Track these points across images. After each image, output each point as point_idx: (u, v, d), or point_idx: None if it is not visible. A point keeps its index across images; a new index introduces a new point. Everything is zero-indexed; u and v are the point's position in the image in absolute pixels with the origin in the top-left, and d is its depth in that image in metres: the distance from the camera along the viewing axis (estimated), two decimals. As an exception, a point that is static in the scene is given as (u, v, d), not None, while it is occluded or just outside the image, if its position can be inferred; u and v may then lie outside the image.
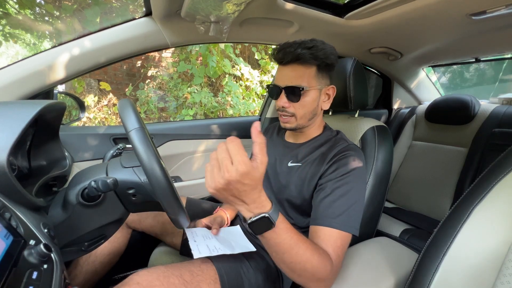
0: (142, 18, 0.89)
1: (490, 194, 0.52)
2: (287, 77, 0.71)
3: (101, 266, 0.82)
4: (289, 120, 0.74)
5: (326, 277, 0.54)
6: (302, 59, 0.68)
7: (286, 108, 0.72)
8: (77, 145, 1.00)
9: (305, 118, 0.74)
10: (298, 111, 0.72)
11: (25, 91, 0.79)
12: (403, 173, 1.48)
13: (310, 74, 0.70)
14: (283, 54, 0.70)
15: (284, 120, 0.74)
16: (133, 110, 0.53)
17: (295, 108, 0.72)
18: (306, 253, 0.51)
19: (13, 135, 0.45)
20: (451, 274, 0.51)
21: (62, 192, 0.59)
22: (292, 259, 0.51)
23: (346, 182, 0.64)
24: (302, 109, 0.72)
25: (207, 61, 3.20)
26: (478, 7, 0.79)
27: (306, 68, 0.70)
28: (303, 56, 0.68)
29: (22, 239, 0.37)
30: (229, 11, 0.77)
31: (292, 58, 0.69)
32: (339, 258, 0.58)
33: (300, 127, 0.75)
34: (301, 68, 0.70)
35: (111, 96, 3.64)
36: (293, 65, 0.70)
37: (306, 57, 0.68)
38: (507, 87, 2.27)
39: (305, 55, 0.67)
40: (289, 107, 0.72)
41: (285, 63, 0.71)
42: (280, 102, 0.72)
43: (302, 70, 0.70)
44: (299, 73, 0.70)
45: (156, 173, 0.49)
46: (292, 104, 0.72)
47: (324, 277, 0.54)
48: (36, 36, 3.56)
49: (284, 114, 0.73)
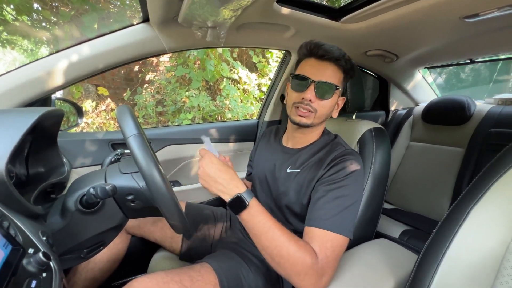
0: (140, 24, 0.89)
1: (488, 194, 0.52)
2: (322, 72, 0.71)
3: (100, 273, 0.81)
4: (309, 115, 0.72)
5: (307, 272, 0.55)
6: (341, 61, 0.71)
7: (312, 103, 0.71)
8: (75, 151, 1.00)
9: (320, 119, 0.74)
10: (320, 109, 0.72)
11: (23, 98, 0.79)
12: (402, 174, 1.49)
13: (340, 78, 0.73)
14: (324, 51, 0.70)
15: (303, 114, 0.72)
16: (131, 116, 0.53)
17: (319, 105, 0.72)
18: (281, 238, 0.56)
19: (12, 143, 0.45)
20: (450, 275, 0.51)
21: (60, 199, 0.59)
22: (268, 243, 0.57)
23: (342, 185, 0.65)
24: (324, 108, 0.73)
25: (205, 65, 3.21)
26: (471, 10, 0.80)
27: (339, 71, 0.73)
28: (342, 59, 0.71)
29: (21, 248, 0.37)
30: (226, 16, 0.77)
31: (334, 56, 0.70)
32: (327, 259, 0.57)
33: (313, 125, 0.75)
34: (337, 70, 0.72)
35: (109, 101, 3.64)
36: (331, 64, 0.71)
37: (343, 62, 0.71)
38: (502, 87, 2.29)
39: (343, 59, 0.71)
40: (314, 102, 0.71)
41: (325, 59, 0.71)
42: (308, 94, 0.70)
43: (337, 71, 0.72)
44: (335, 73, 0.72)
45: (155, 179, 0.49)
46: (318, 100, 0.72)
47: (304, 270, 0.55)
48: (34, 42, 3.56)
49: (306, 108, 0.71)
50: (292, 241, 0.56)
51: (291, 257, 0.55)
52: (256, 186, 0.86)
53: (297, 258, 0.55)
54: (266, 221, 0.58)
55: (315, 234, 0.60)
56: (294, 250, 0.55)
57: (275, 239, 0.56)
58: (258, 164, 0.89)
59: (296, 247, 0.56)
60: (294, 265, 0.55)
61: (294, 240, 0.57)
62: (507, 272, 0.48)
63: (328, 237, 0.59)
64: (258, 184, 0.85)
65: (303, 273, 0.55)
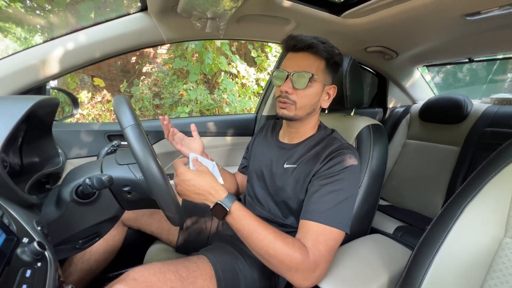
0: (138, 13, 0.87)
1: (482, 192, 0.53)
2: (297, 63, 0.71)
3: (96, 264, 0.81)
4: (289, 107, 0.72)
5: (298, 267, 0.56)
6: (315, 48, 0.69)
7: (289, 95, 0.71)
8: (71, 142, 0.98)
9: (304, 110, 0.73)
10: (300, 100, 0.72)
11: (17, 86, 0.77)
12: (397, 171, 1.50)
13: (319, 66, 0.71)
14: (296, 41, 0.70)
15: (283, 106, 0.72)
16: (128, 107, 0.52)
17: (297, 96, 0.71)
18: (267, 238, 0.57)
19: (5, 131, 0.44)
20: (443, 270, 0.52)
21: (55, 190, 0.58)
22: (255, 244, 0.58)
23: (338, 179, 0.65)
24: (304, 98, 0.72)
25: (202, 58, 3.17)
26: (473, 7, 0.80)
27: (316, 59, 0.71)
28: (316, 46, 0.69)
29: (15, 237, 0.36)
30: (226, 7, 0.76)
31: (305, 45, 0.69)
32: (320, 253, 0.58)
33: (296, 118, 0.74)
34: (312, 58, 0.71)
35: (105, 93, 3.58)
36: (305, 53, 0.71)
37: (319, 48, 0.69)
38: (498, 87, 2.31)
39: (319, 46, 0.69)
40: (292, 93, 0.71)
41: (297, 49, 0.71)
42: (284, 87, 0.71)
43: (313, 60, 0.71)
44: (310, 62, 0.71)
45: (152, 170, 0.49)
46: (296, 91, 0.71)
47: (294, 266, 0.56)
48: (27, 31, 3.48)
49: (285, 100, 0.72)
50: (278, 239, 0.57)
51: (279, 255, 0.56)
52: (253, 181, 0.86)
53: (285, 256, 0.56)
54: (250, 223, 0.59)
55: (309, 228, 0.61)
56: (280, 248, 0.56)
57: (260, 240, 0.58)
58: (255, 159, 0.89)
59: (282, 245, 0.56)
60: (283, 262, 0.56)
61: (281, 238, 0.58)
62: (499, 268, 0.49)
63: (321, 230, 0.60)
64: (256, 179, 0.85)
65: (293, 268, 0.56)
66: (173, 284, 0.56)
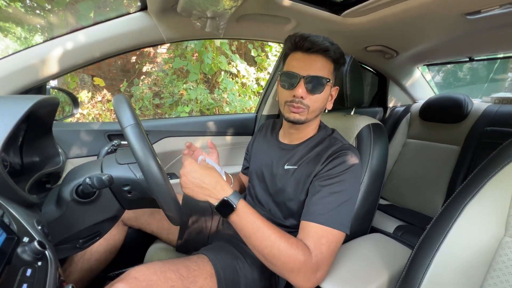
0: (137, 13, 0.87)
1: (482, 191, 0.53)
2: (310, 66, 0.68)
3: (96, 264, 0.81)
4: (302, 111, 0.70)
5: (301, 269, 0.55)
6: (329, 52, 0.67)
7: (303, 100, 0.69)
8: (71, 142, 0.98)
9: (314, 113, 0.73)
10: (313, 104, 0.70)
11: (17, 85, 0.77)
12: (398, 171, 1.50)
13: (330, 69, 0.70)
14: (311, 44, 0.67)
15: (297, 111, 0.70)
16: (128, 106, 0.52)
17: (311, 100, 0.69)
18: (271, 237, 0.56)
19: (5, 130, 0.44)
20: (443, 269, 0.52)
21: (56, 189, 0.58)
22: (258, 243, 0.57)
23: (339, 180, 0.65)
24: (317, 103, 0.70)
25: (202, 57, 3.17)
26: (473, 6, 0.80)
27: (328, 62, 0.69)
28: (330, 49, 0.67)
29: (16, 236, 0.36)
30: (226, 6, 0.76)
31: (320, 48, 0.67)
32: (322, 255, 0.58)
33: (307, 121, 0.73)
34: (325, 60, 0.69)
35: (105, 92, 3.58)
36: (319, 56, 0.68)
37: (332, 51, 0.67)
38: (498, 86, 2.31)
39: (332, 49, 0.67)
40: (306, 98, 0.69)
41: (311, 51, 0.68)
42: (298, 92, 0.67)
43: (325, 62, 0.69)
44: (324, 65, 0.69)
45: (152, 170, 0.49)
46: (309, 96, 0.69)
47: (297, 267, 0.55)
48: (27, 30, 3.48)
49: (299, 105, 0.69)
50: (283, 239, 0.56)
51: (283, 255, 0.55)
52: (254, 182, 0.86)
53: (289, 256, 0.55)
54: (255, 221, 0.58)
55: (310, 229, 0.60)
56: (285, 248, 0.55)
57: (265, 239, 0.56)
58: (255, 159, 0.88)
59: (287, 245, 0.55)
60: (287, 263, 0.55)
61: (285, 238, 0.57)
62: (499, 267, 0.49)
63: (323, 232, 0.60)
64: (256, 180, 0.85)
65: (296, 270, 0.55)
66: (173, 283, 0.57)
